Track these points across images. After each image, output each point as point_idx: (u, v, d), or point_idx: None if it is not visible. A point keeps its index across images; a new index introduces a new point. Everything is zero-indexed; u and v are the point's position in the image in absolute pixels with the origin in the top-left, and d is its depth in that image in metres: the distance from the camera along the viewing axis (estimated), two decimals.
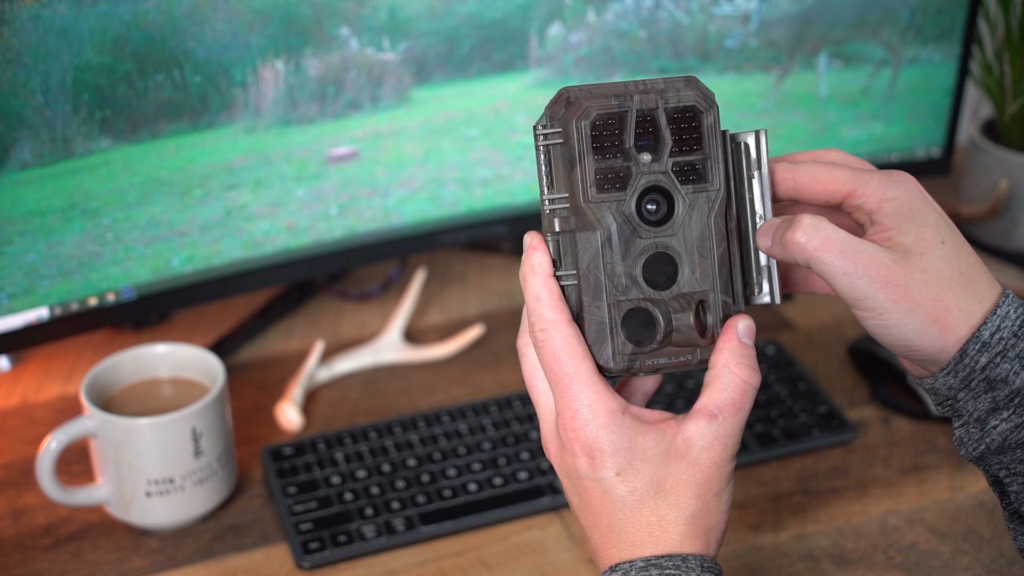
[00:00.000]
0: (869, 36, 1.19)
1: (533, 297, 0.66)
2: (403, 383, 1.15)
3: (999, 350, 0.64)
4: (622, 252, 0.64)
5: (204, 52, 1.00)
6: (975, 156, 1.31)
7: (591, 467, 0.65)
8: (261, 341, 1.22)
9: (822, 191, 0.68)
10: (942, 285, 0.64)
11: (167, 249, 1.05)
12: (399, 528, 0.95)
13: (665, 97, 0.64)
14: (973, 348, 0.64)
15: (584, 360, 0.65)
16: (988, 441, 0.66)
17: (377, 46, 1.06)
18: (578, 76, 1.13)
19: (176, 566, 0.94)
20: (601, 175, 0.64)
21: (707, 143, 0.65)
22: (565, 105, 0.64)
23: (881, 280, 0.63)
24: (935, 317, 0.63)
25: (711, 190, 0.65)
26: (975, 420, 0.66)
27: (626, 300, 0.65)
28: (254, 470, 1.03)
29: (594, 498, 0.66)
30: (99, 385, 0.97)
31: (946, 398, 0.67)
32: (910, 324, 0.64)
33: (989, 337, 0.63)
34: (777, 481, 1.02)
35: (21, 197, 0.98)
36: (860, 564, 0.93)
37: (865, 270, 0.63)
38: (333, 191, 1.10)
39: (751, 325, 0.67)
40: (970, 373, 0.64)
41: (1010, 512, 0.69)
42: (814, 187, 0.68)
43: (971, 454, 0.68)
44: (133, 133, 1.00)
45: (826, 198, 0.68)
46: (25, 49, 0.93)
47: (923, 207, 0.66)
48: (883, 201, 0.66)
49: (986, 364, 0.64)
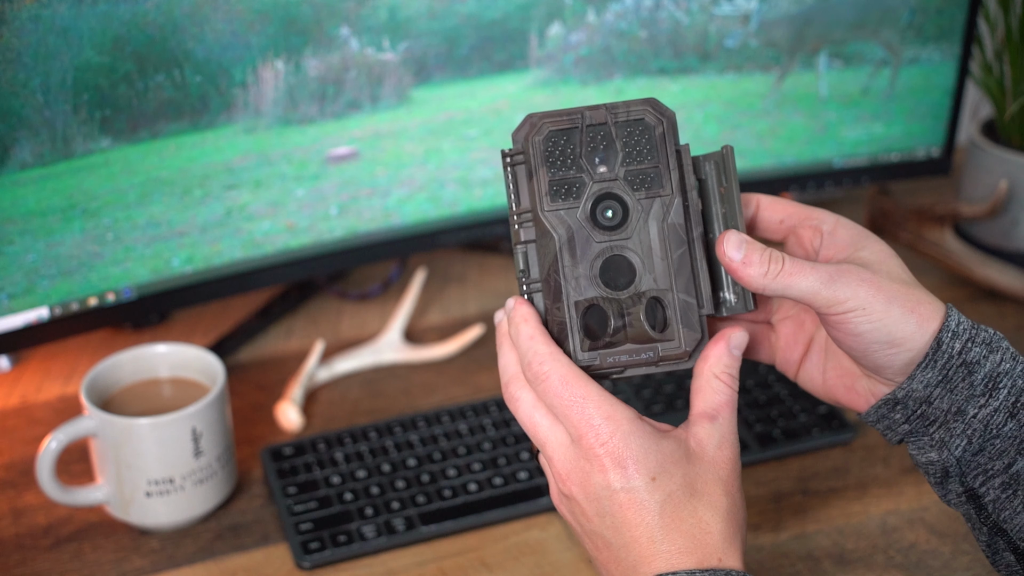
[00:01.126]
0: (869, 36, 1.19)
1: (527, 338, 0.68)
2: (403, 383, 1.15)
3: (968, 336, 0.68)
4: (579, 256, 0.68)
5: (204, 52, 1.00)
6: (975, 156, 1.31)
7: (624, 477, 0.66)
8: (261, 341, 1.22)
9: (782, 211, 0.74)
10: (906, 284, 0.69)
11: (167, 249, 1.05)
12: (399, 528, 0.95)
13: (615, 113, 0.69)
14: (947, 336, 0.68)
15: (589, 380, 0.67)
16: (969, 433, 0.69)
17: (377, 46, 1.06)
18: (578, 76, 1.13)
19: (176, 566, 0.94)
20: (556, 186, 0.69)
21: (658, 153, 0.69)
22: (528, 127, 0.70)
23: (856, 279, 0.67)
24: (911, 308, 0.68)
25: (664, 195, 0.69)
26: (953, 414, 0.69)
27: (583, 300, 0.68)
28: (254, 470, 1.03)
29: (630, 513, 0.66)
30: (99, 385, 0.97)
31: (919, 403, 0.69)
32: (891, 314, 0.67)
33: (956, 326, 0.68)
34: (777, 481, 1.02)
35: (21, 197, 0.98)
36: (860, 564, 0.93)
37: (840, 276, 0.67)
38: (333, 191, 1.10)
39: (744, 339, 0.71)
40: (948, 360, 0.68)
41: (989, 527, 0.71)
42: (774, 206, 0.74)
43: (954, 453, 0.70)
44: (133, 133, 1.00)
45: (782, 217, 0.74)
46: (25, 49, 0.93)
47: (869, 232, 0.72)
48: (837, 224, 0.72)
49: (960, 349, 0.68)
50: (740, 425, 1.05)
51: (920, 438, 0.71)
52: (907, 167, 1.28)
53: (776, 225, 0.75)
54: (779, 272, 0.67)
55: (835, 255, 0.71)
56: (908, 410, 0.70)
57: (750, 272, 0.67)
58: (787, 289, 0.67)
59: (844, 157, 1.25)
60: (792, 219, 0.74)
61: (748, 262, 0.67)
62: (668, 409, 1.07)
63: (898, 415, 0.71)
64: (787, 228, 0.74)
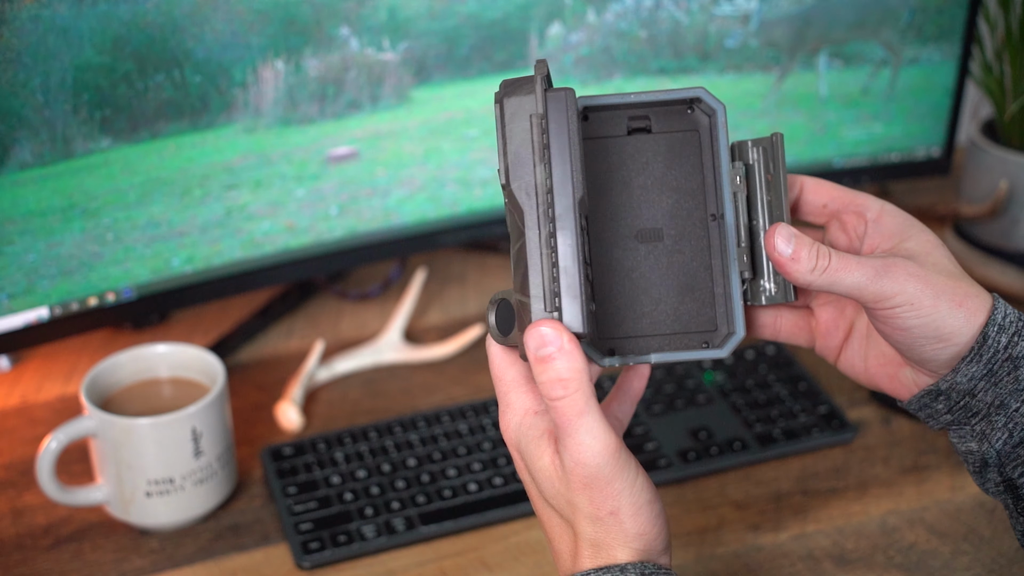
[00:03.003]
0: (869, 36, 1.19)
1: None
2: (403, 383, 1.15)
3: (1014, 330, 0.67)
4: None
5: (204, 52, 1.00)
6: (975, 156, 1.31)
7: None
8: (261, 341, 1.22)
9: (825, 194, 0.72)
10: (954, 276, 0.67)
11: (167, 249, 1.05)
12: (399, 528, 0.95)
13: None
14: (992, 330, 0.66)
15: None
16: (1011, 427, 0.68)
17: (377, 46, 1.06)
18: (578, 76, 1.13)
19: (176, 566, 0.94)
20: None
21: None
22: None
23: (904, 273, 0.66)
24: (959, 302, 0.67)
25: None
26: (996, 407, 0.68)
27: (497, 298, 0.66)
28: (254, 470, 1.03)
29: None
30: (99, 385, 0.97)
31: (963, 395, 0.68)
32: (939, 309, 0.66)
33: (1002, 319, 0.67)
34: (777, 481, 1.02)
35: (21, 197, 0.98)
36: (860, 564, 0.93)
37: (885, 270, 0.66)
38: (333, 191, 1.10)
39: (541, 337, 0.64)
40: (994, 355, 0.67)
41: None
42: (818, 190, 0.73)
43: (995, 446, 0.69)
44: (133, 133, 1.00)
45: (826, 201, 0.72)
46: (25, 49, 0.93)
47: (914, 220, 0.71)
48: (882, 211, 0.71)
49: (1007, 344, 0.67)
50: (740, 425, 1.05)
51: (961, 427, 0.70)
52: (907, 167, 1.28)
53: (819, 209, 0.73)
54: (826, 268, 0.66)
55: (880, 244, 0.70)
56: (951, 401, 0.69)
57: (798, 268, 0.66)
58: (833, 285, 0.66)
59: (844, 157, 1.25)
60: (836, 203, 0.72)
61: (796, 258, 0.66)
62: (669, 409, 1.07)
63: (940, 405, 0.70)
64: (831, 212, 0.73)
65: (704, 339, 0.69)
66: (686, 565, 0.92)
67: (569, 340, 0.61)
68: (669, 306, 0.69)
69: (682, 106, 0.69)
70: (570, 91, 0.63)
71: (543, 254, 0.63)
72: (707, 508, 0.99)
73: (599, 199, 0.69)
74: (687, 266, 0.69)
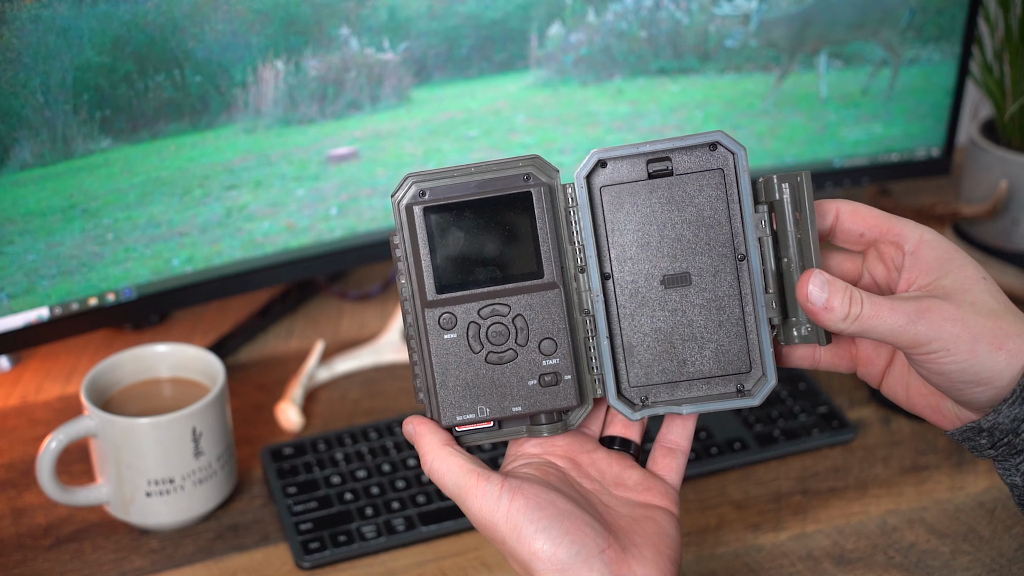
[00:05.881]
0: (869, 36, 1.19)
1: None
2: (403, 383, 1.15)
3: None
4: None
5: (204, 52, 1.00)
6: (975, 156, 1.31)
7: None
8: (261, 341, 1.22)
9: (862, 223, 0.69)
10: (995, 315, 0.65)
11: (167, 249, 1.05)
12: (399, 528, 0.95)
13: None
14: None
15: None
16: None
17: (377, 46, 1.06)
18: (578, 76, 1.13)
19: (176, 566, 0.94)
20: None
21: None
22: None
23: (940, 318, 0.64)
24: (998, 345, 0.64)
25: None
26: None
27: None
28: (254, 470, 1.03)
29: None
30: (99, 385, 0.97)
31: (1005, 433, 0.66)
32: (977, 354, 0.64)
33: None
34: (777, 481, 1.02)
35: (21, 197, 0.98)
36: (860, 564, 0.93)
37: (919, 315, 0.64)
38: (333, 191, 1.10)
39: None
40: None
41: None
42: (855, 218, 0.69)
43: None
44: (133, 133, 1.00)
45: (863, 230, 0.69)
46: (25, 49, 0.93)
47: (957, 250, 0.68)
48: (921, 243, 0.68)
49: None
50: (740, 425, 1.05)
51: (1006, 460, 0.68)
52: (907, 167, 1.28)
53: (856, 238, 0.70)
54: (859, 316, 0.64)
55: (917, 279, 0.67)
56: (994, 438, 0.67)
57: (831, 317, 0.65)
58: (866, 332, 0.65)
59: (844, 157, 1.25)
60: (873, 232, 0.69)
61: (829, 307, 0.64)
62: None
63: (984, 440, 0.68)
64: (868, 241, 0.70)
65: (739, 381, 0.69)
66: (686, 565, 0.93)
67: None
68: (701, 350, 0.69)
69: (704, 146, 0.69)
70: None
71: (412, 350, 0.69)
72: (707, 508, 0.99)
73: (623, 247, 0.69)
74: (717, 309, 0.69)
